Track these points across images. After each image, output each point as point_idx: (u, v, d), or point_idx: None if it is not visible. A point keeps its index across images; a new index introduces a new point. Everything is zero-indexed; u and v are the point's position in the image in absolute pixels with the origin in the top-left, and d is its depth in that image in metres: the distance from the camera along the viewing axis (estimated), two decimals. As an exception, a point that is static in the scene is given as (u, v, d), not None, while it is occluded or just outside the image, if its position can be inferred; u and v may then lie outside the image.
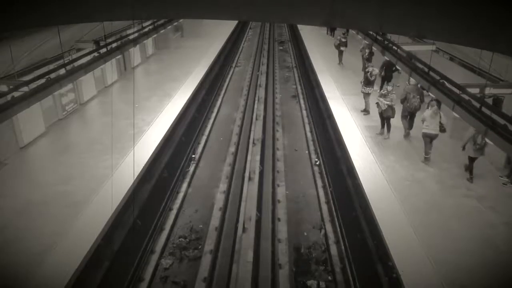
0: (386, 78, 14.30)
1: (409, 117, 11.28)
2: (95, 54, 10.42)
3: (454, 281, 6.29)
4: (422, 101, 11.05)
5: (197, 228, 9.13)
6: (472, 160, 9.11)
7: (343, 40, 18.37)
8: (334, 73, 17.47)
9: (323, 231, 9.06)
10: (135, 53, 18.48)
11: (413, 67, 10.02)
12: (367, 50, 16.24)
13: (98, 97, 14.83)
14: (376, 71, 13.54)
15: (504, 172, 9.36)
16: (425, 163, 9.91)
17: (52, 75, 8.50)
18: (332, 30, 25.20)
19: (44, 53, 12.03)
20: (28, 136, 10.93)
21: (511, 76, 10.65)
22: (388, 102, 10.96)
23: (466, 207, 8.20)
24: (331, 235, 8.90)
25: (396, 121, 11.38)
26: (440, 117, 9.74)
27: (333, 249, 8.43)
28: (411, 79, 10.55)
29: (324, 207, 9.87)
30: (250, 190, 10.11)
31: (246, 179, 10.54)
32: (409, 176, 9.32)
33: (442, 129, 9.86)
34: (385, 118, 11.23)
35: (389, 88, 11.24)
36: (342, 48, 18.63)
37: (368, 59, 15.98)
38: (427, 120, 9.82)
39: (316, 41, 23.63)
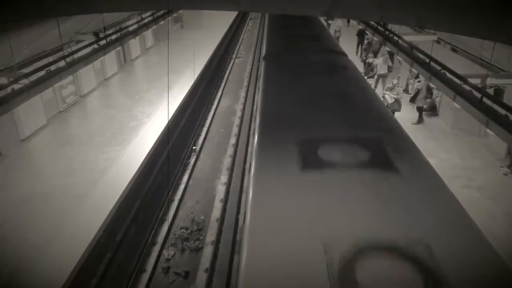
0: (360, 41, 18.61)
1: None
2: (95, 46, 10.36)
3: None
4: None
5: (198, 219, 9.17)
6: (420, 109, 12.02)
7: None
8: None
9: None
10: (134, 45, 18.43)
11: (414, 57, 9.97)
12: (365, 41, 16.19)
13: (98, 89, 14.81)
14: (376, 61, 13.47)
15: (504, 163, 9.37)
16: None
17: (52, 67, 8.46)
18: None
19: (43, 45, 11.98)
20: (28, 129, 10.94)
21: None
22: (394, 96, 11.01)
23: (467, 198, 8.19)
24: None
25: (401, 114, 11.39)
26: (388, 62, 14.11)
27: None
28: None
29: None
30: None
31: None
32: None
33: (390, 70, 14.49)
34: (391, 112, 11.21)
35: (395, 81, 11.31)
36: (329, 22, 21.19)
37: (365, 49, 15.94)
38: (380, 65, 13.82)
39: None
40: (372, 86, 13.05)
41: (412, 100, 12.25)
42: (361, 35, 18.71)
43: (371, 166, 4.10)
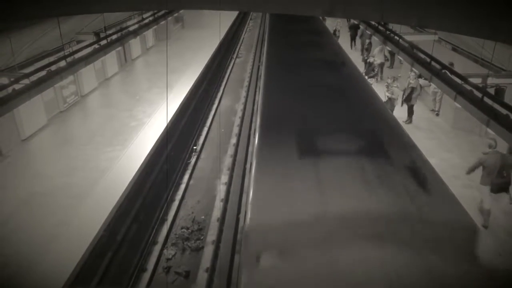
0: (352, 35, 19.73)
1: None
2: (96, 46, 10.36)
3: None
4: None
5: (199, 219, 9.17)
6: (412, 106, 12.00)
7: None
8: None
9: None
10: (134, 45, 18.45)
11: (415, 57, 9.96)
12: (367, 40, 16.17)
13: (99, 89, 14.82)
14: (377, 61, 13.45)
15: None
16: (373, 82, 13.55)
17: (53, 67, 8.47)
18: None
19: (44, 45, 11.99)
20: (29, 129, 10.95)
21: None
22: (389, 94, 10.94)
23: (467, 197, 8.18)
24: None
25: (396, 113, 11.36)
26: (384, 51, 15.01)
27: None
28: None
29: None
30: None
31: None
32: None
33: (386, 59, 15.72)
34: None
35: (389, 81, 11.24)
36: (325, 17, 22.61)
37: (367, 49, 15.92)
38: (376, 54, 14.73)
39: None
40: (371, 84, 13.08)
41: (407, 99, 11.81)
42: (353, 28, 19.33)
43: (371, 164, 4.10)
